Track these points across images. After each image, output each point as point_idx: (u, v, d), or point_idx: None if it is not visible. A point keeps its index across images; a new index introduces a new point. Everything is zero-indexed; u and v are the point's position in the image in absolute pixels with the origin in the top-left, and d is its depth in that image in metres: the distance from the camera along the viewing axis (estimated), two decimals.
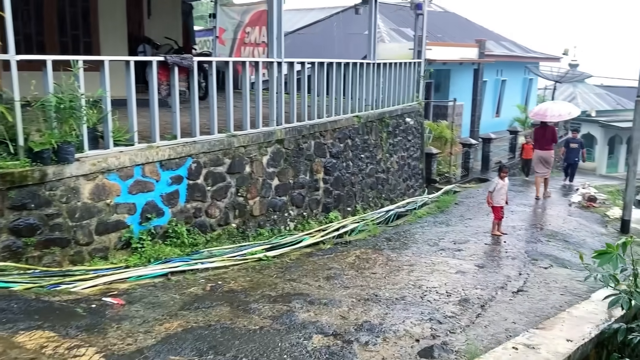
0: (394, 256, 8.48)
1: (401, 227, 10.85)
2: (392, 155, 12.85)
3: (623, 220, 11.94)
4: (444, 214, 12.24)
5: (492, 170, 19.01)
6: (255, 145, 8.63)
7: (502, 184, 10.22)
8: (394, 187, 13.08)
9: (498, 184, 10.25)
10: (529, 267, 8.52)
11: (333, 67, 10.49)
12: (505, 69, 27.29)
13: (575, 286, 7.55)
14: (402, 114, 13.27)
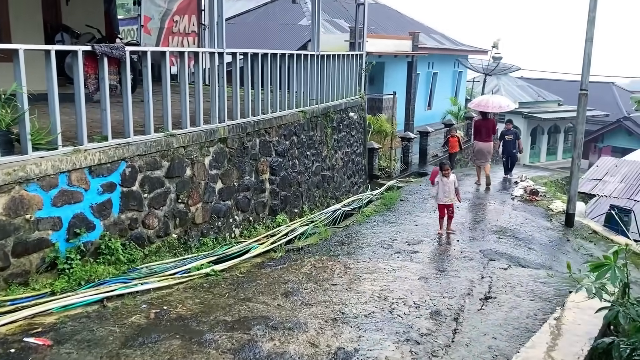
0: (351, 263, 7.89)
1: (351, 228, 10.29)
2: (337, 151, 12.27)
3: (568, 213, 11.97)
4: (391, 212, 11.81)
5: (429, 164, 18.89)
6: (197, 145, 7.76)
7: (444, 181, 9.86)
8: (340, 185, 12.52)
9: (442, 179, 9.92)
10: (489, 269, 8.18)
11: (277, 59, 9.73)
12: (437, 61, 27.41)
13: (541, 289, 7.25)
14: (346, 109, 12.70)
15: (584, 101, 11.50)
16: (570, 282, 7.75)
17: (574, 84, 49.14)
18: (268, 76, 9.50)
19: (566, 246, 11.00)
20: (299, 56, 10.48)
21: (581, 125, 11.67)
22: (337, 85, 12.32)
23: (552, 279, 7.89)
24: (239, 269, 7.21)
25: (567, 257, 10.35)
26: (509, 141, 16.27)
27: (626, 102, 45.41)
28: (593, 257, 10.92)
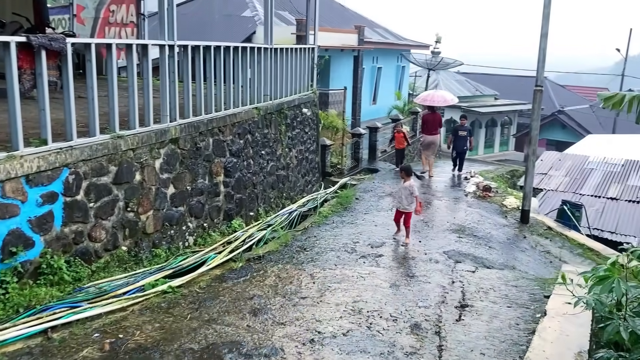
0: (317, 271, 7.41)
1: (310, 230, 9.80)
2: (291, 149, 11.74)
3: (523, 210, 11.95)
4: (348, 212, 11.41)
5: (378, 159, 18.65)
6: (146, 147, 7.04)
7: (401, 186, 9.32)
8: (294, 185, 12.01)
9: (400, 186, 9.43)
10: (458, 273, 7.92)
11: (230, 53, 9.08)
12: (381, 56, 27.24)
13: (515, 294, 7.02)
14: (299, 105, 12.19)
15: (539, 97, 11.48)
16: (540, 284, 7.61)
17: (509, 79, 50.53)
18: (221, 71, 8.84)
19: (523, 243, 10.95)
20: (252, 49, 9.86)
21: (536, 122, 11.65)
22: (290, 80, 11.77)
23: (522, 281, 7.71)
24: (198, 283, 6.58)
25: (525, 255, 10.29)
26: (462, 137, 15.77)
27: (559, 96, 47.17)
28: (550, 253, 10.95)
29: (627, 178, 16.95)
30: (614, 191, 16.22)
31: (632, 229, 14.29)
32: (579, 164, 18.22)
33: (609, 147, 20.64)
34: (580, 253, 11.25)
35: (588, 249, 11.47)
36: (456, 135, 15.93)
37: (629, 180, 16.83)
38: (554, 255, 10.88)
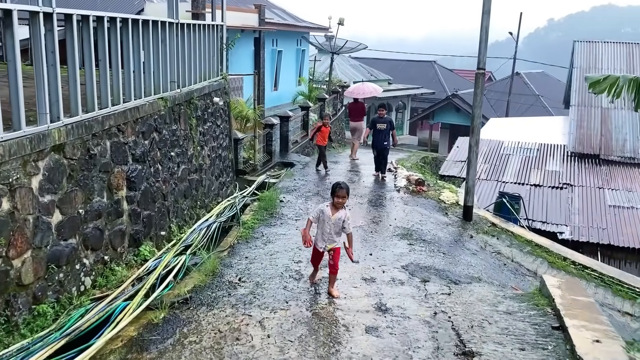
0: (267, 316, 5.62)
1: (239, 250, 7.94)
2: (203, 147, 9.75)
3: (466, 206, 10.87)
4: (276, 219, 9.66)
5: (291, 151, 16.99)
6: (17, 160, 4.85)
7: (328, 215, 6.06)
8: (209, 189, 10.04)
9: (324, 212, 6.08)
10: (433, 298, 6.51)
11: (128, 27, 6.94)
12: (280, 39, 25.42)
13: (516, 327, 5.69)
14: (210, 93, 10.20)
15: (481, 81, 10.38)
16: (532, 306, 6.38)
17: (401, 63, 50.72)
18: (117, 51, 6.68)
19: (472, 244, 9.87)
20: (155, 24, 7.74)
21: (478, 109, 10.56)
22: (199, 64, 9.74)
23: (508, 304, 6.44)
24: (108, 358, 4.56)
25: (479, 259, 9.20)
26: (381, 131, 13.12)
27: (448, 79, 48.10)
28: (501, 254, 9.96)
29: (545, 163, 16.67)
30: (536, 177, 15.82)
31: (561, 217, 13.85)
32: (496, 150, 17.74)
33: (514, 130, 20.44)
34: (530, 251, 10.39)
35: (537, 245, 10.65)
36: (374, 128, 13.31)
37: (547, 165, 16.55)
38: (505, 256, 9.91)
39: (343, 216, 6.08)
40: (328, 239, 6.15)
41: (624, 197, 14.53)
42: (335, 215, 6.05)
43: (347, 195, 6.04)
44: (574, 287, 6.66)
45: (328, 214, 6.05)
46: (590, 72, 19.49)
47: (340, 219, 6.07)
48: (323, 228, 6.12)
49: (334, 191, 6.05)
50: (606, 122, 17.61)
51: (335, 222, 6.06)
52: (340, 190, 6.01)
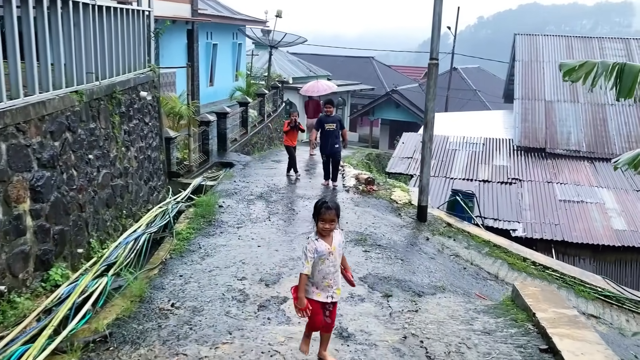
0: (210, 355, 4.61)
1: (172, 266, 6.86)
2: (129, 148, 8.56)
3: (420, 206, 10.16)
4: (215, 227, 8.62)
5: (230, 150, 15.88)
6: None
7: (329, 246, 4.32)
8: (136, 196, 8.85)
9: (319, 250, 4.27)
10: (399, 317, 5.70)
11: (28, 4, 5.72)
12: (215, 31, 24.13)
13: (499, 350, 4.93)
14: (136, 86, 9.01)
15: (434, 72, 9.66)
16: (509, 322, 5.66)
17: (339, 59, 50.22)
18: (14, 34, 5.47)
19: (429, 247, 9.18)
20: (66, 4, 6.52)
21: (432, 102, 9.85)
22: (122, 53, 8.53)
23: (483, 320, 5.69)
24: None
25: (437, 263, 8.50)
26: (330, 133, 11.14)
27: (386, 76, 47.96)
28: (460, 257, 9.32)
29: (492, 158, 16.32)
30: (484, 173, 15.42)
31: (512, 214, 13.45)
32: (442, 145, 17.27)
33: (457, 124, 20.11)
34: (489, 252, 9.82)
35: (495, 246, 10.10)
36: (322, 129, 11.22)
37: (494, 160, 16.21)
38: (464, 259, 9.27)
39: (342, 238, 4.45)
40: (334, 281, 4.37)
41: (572, 191, 14.31)
42: (334, 243, 4.33)
43: (337, 219, 4.29)
44: (552, 298, 6.00)
45: (325, 248, 4.27)
46: (532, 65, 19.40)
47: (341, 245, 4.42)
48: (323, 270, 4.30)
49: (318, 213, 4.27)
50: (550, 115, 17.47)
51: (339, 253, 4.38)
52: (327, 212, 4.23)
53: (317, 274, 4.32)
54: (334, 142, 11.24)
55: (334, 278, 4.35)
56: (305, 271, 4.24)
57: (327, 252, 4.28)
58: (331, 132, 11.21)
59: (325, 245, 4.29)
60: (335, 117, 11.48)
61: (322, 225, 4.26)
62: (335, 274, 4.37)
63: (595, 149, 16.27)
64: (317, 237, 4.32)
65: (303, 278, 4.28)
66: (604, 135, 16.65)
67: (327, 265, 4.30)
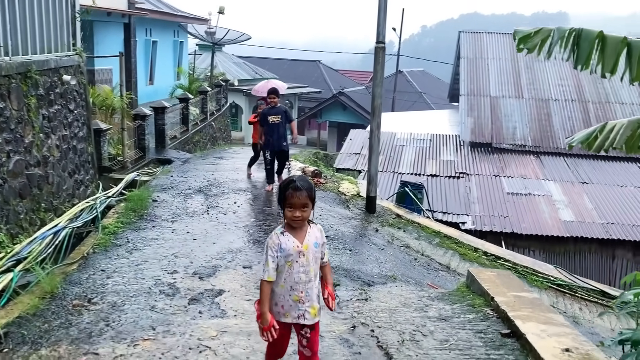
0: (128, 353, 3.93)
1: (93, 261, 6.10)
2: (49, 135, 7.73)
3: (369, 197, 9.70)
4: (146, 221, 7.87)
5: (169, 147, 15.07)
6: None
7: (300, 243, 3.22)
8: (59, 188, 8.01)
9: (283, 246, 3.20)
10: (347, 306, 5.18)
11: None
12: (155, 28, 23.22)
13: (458, 337, 4.46)
14: (57, 69, 8.17)
15: (381, 57, 9.25)
16: (466, 309, 5.20)
17: (285, 62, 49.81)
18: None
19: (378, 239, 8.73)
20: None
21: (379, 88, 9.42)
22: (40, 29, 7.70)
23: (438, 307, 5.23)
24: None
25: (387, 254, 8.07)
26: (275, 126, 9.66)
27: (333, 79, 47.80)
28: (410, 248, 8.89)
29: (440, 153, 16.13)
30: (432, 168, 15.18)
31: (461, 207, 13.21)
32: (389, 142, 16.96)
33: (404, 123, 19.92)
34: (439, 243, 9.44)
35: (445, 236, 9.73)
36: (266, 123, 9.67)
37: (442, 155, 16.01)
38: (415, 250, 8.85)
39: (321, 236, 3.35)
40: (306, 295, 3.23)
41: (520, 184, 14.24)
42: (307, 240, 3.23)
43: (310, 203, 3.20)
44: (510, 282, 5.61)
45: (292, 246, 3.20)
46: (477, 62, 19.43)
47: (319, 245, 3.30)
48: (291, 277, 3.22)
49: (284, 196, 3.18)
50: (496, 111, 17.47)
51: (314, 257, 3.26)
52: (296, 194, 3.14)
53: (284, 283, 3.21)
54: (281, 137, 9.78)
55: (305, 290, 3.19)
56: (265, 277, 3.17)
57: (296, 252, 3.17)
58: (276, 125, 9.66)
59: (293, 241, 3.19)
60: (280, 109, 9.93)
61: (290, 213, 3.16)
62: (309, 285, 3.22)
63: (541, 143, 16.32)
64: (283, 229, 3.24)
65: (265, 286, 3.19)
66: (548, 130, 16.74)
67: (297, 271, 3.19)
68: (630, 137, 5.89)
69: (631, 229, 12.10)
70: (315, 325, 3.32)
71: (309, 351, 3.32)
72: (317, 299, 3.29)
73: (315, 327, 3.32)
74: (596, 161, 15.67)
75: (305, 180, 3.27)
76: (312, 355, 3.34)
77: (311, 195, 3.19)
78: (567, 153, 16.09)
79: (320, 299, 3.33)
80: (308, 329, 3.28)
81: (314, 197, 3.24)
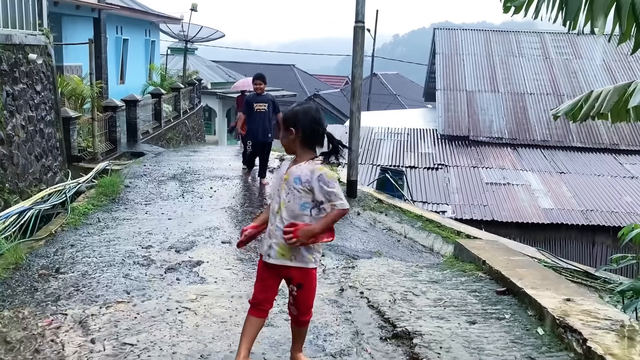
0: (99, 313, 3.62)
1: (62, 237, 5.74)
2: (14, 115, 7.32)
3: (349, 181, 9.47)
4: (119, 204, 7.51)
5: (141, 142, 14.65)
6: None
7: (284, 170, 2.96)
8: (24, 170, 7.60)
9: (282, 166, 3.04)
10: (334, 273, 4.92)
11: None
12: (126, 26, 22.71)
13: (451, 295, 4.24)
14: (23, 46, 7.78)
15: (361, 36, 9.06)
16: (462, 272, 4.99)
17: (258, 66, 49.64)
18: None
19: (360, 221, 8.51)
20: None
21: (359, 69, 9.23)
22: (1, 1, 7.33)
23: (432, 272, 5.01)
24: None
25: (370, 235, 7.87)
26: (261, 115, 8.75)
27: (307, 83, 47.69)
28: (393, 230, 8.69)
29: (418, 146, 16.02)
30: (410, 160, 15.05)
31: (441, 197, 13.08)
32: (367, 136, 16.77)
33: (381, 120, 19.82)
34: (422, 226, 9.22)
35: (427, 220, 9.52)
36: (250, 111, 8.78)
37: (420, 148, 15.90)
38: (398, 233, 8.65)
39: (309, 175, 2.84)
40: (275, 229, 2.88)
41: (498, 174, 14.18)
42: (292, 170, 2.90)
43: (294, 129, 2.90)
44: (499, 248, 5.43)
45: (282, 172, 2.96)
46: (453, 58, 19.44)
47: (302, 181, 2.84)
48: (270, 207, 2.99)
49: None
50: (472, 105, 17.45)
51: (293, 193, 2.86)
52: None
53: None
54: (266, 127, 8.83)
55: (275, 224, 2.87)
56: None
57: (281, 178, 2.92)
58: (262, 114, 8.70)
59: (285, 167, 2.95)
60: (267, 97, 9.04)
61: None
62: (276, 221, 2.87)
63: (518, 136, 16.33)
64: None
65: None
66: (525, 122, 16.77)
67: (275, 200, 2.92)
68: (617, 103, 5.79)
69: (610, 215, 12.11)
70: (305, 284, 2.93)
71: (295, 310, 2.99)
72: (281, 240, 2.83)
73: (303, 286, 2.93)
74: (572, 152, 15.74)
75: (292, 110, 3.00)
76: (299, 315, 2.99)
77: (294, 122, 2.89)
78: (543, 145, 16.13)
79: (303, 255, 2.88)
80: (295, 286, 2.92)
81: (299, 125, 2.90)
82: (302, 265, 2.88)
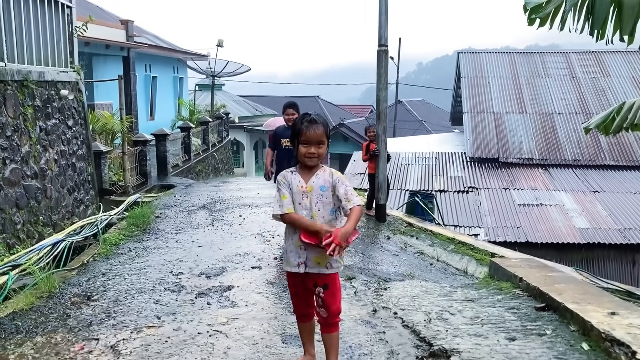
0: (131, 338, 3.59)
1: (94, 267, 5.78)
2: (47, 149, 7.49)
3: (378, 205, 9.38)
4: (149, 234, 7.55)
5: (172, 175, 14.84)
6: None
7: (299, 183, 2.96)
8: (57, 203, 7.72)
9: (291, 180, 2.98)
10: (366, 295, 4.81)
11: None
12: (154, 64, 23.32)
13: (488, 312, 4.10)
14: (55, 82, 8.01)
15: (384, 59, 9.09)
16: (499, 290, 4.85)
17: (285, 99, 50.28)
18: None
19: (391, 245, 8.38)
20: None
21: (383, 92, 9.23)
22: (36, 39, 7.57)
23: (468, 292, 4.88)
24: None
25: (402, 259, 7.71)
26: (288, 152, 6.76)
27: (332, 113, 47.99)
28: (424, 254, 8.54)
29: (447, 170, 15.85)
30: (439, 184, 14.88)
31: (473, 220, 12.86)
32: (394, 161, 16.70)
33: (408, 145, 19.75)
34: (455, 249, 9.07)
35: (460, 243, 9.36)
36: (278, 146, 7.11)
37: (449, 172, 15.74)
38: (430, 256, 8.49)
39: (330, 180, 2.94)
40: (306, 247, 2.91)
41: (530, 195, 13.91)
42: (313, 180, 2.94)
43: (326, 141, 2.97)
44: (535, 265, 5.27)
45: (298, 185, 2.95)
46: (478, 81, 19.35)
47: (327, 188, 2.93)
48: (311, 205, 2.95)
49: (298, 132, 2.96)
50: (500, 126, 17.27)
51: (321, 201, 2.92)
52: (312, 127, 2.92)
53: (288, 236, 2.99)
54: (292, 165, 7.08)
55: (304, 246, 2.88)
56: (282, 210, 2.89)
57: (300, 192, 2.91)
58: (288, 151, 6.73)
59: (299, 181, 2.93)
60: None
61: (305, 150, 2.90)
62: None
63: (548, 156, 16.06)
64: (295, 169, 3.02)
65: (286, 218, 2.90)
66: (555, 142, 16.51)
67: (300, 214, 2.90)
68: None
69: None
70: (330, 284, 2.96)
71: (324, 312, 3.00)
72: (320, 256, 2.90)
73: (329, 287, 2.96)
74: (605, 171, 15.38)
75: (321, 115, 3.07)
76: (329, 316, 3.01)
77: (327, 131, 2.98)
78: (575, 165, 15.82)
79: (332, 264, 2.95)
80: (321, 288, 2.95)
81: (329, 134, 2.99)
82: (334, 272, 2.98)
